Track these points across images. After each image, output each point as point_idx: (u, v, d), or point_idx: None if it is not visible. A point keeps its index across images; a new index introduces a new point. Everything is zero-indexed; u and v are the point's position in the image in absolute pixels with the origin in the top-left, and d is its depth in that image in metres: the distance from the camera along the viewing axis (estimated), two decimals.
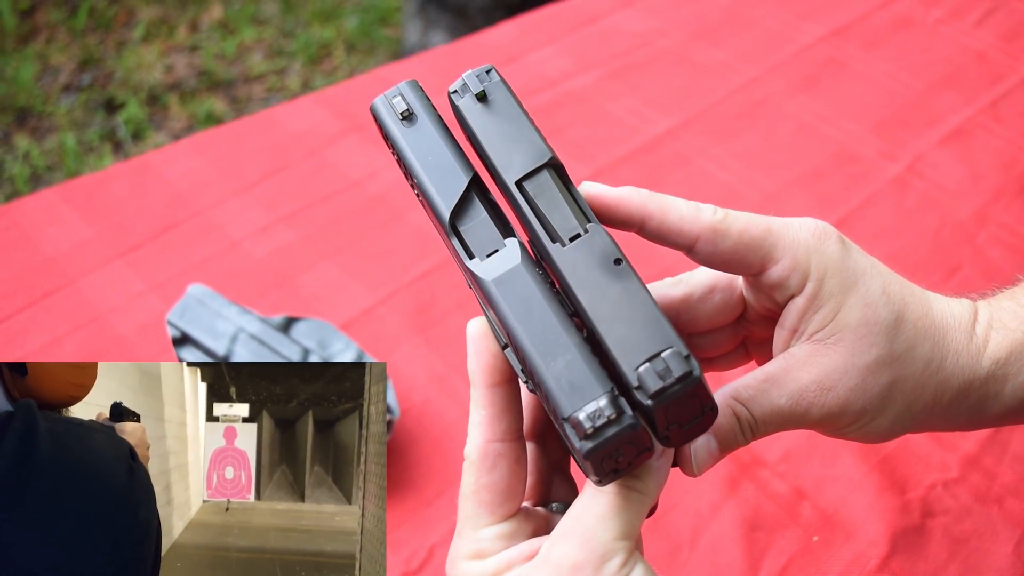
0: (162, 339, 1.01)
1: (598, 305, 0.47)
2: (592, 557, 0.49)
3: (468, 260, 0.50)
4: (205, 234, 1.14)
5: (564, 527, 0.51)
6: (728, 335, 0.65)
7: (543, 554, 0.50)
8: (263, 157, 1.25)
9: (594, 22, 1.53)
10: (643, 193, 0.55)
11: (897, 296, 0.57)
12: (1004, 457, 0.93)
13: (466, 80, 0.53)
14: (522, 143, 0.51)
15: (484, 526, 0.53)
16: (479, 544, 0.53)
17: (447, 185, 0.51)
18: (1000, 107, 1.37)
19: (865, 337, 0.56)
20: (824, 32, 1.51)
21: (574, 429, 0.45)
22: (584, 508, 0.51)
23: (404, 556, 0.85)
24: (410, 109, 0.53)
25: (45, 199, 1.17)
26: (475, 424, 0.54)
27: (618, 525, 0.50)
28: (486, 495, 0.53)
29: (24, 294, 1.05)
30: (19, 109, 2.63)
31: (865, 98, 1.39)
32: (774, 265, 0.56)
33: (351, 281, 1.09)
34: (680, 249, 0.57)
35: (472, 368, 0.54)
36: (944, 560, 0.86)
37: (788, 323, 0.57)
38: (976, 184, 1.24)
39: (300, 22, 3.02)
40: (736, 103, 1.38)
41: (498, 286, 0.48)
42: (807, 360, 0.56)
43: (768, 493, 0.90)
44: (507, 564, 0.52)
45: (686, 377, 0.45)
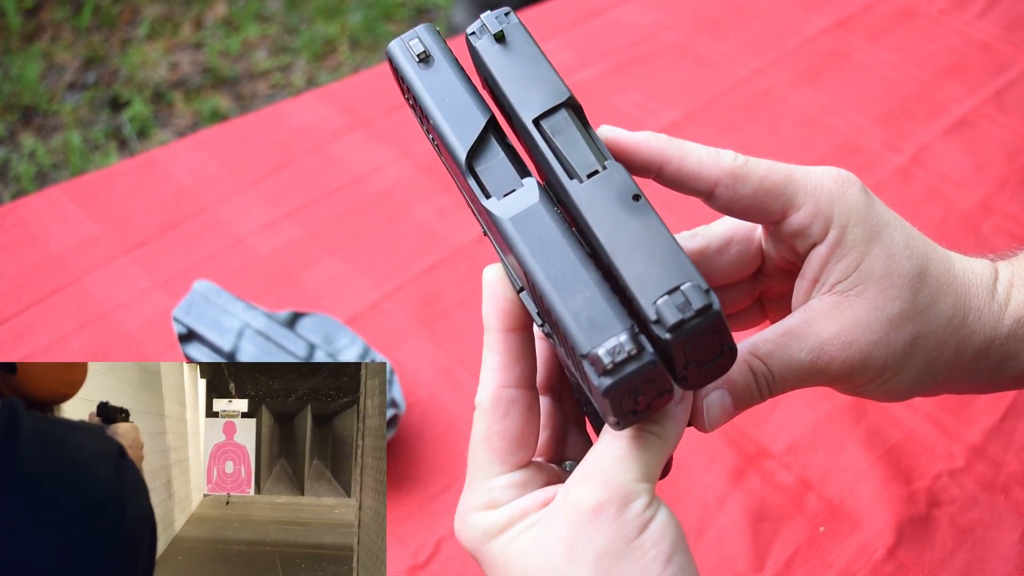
0: (168, 335, 1.01)
1: (616, 240, 0.46)
2: (615, 497, 0.47)
3: (485, 200, 0.50)
4: (210, 230, 1.14)
5: (582, 471, 0.49)
6: (745, 290, 0.64)
7: (560, 499, 0.49)
8: (268, 153, 1.25)
9: (598, 15, 1.53)
10: (662, 138, 0.55)
11: (920, 250, 0.56)
12: (1010, 446, 0.93)
13: (484, 21, 0.52)
14: (540, 82, 0.51)
15: (496, 475, 0.52)
16: (491, 494, 0.52)
17: (464, 126, 0.51)
18: (1004, 97, 1.36)
19: (888, 289, 0.55)
20: (828, 23, 1.51)
21: (593, 365, 0.44)
22: (602, 451, 0.49)
23: (412, 550, 0.86)
24: (427, 51, 0.52)
25: (51, 197, 1.18)
26: (488, 370, 0.53)
27: (638, 467, 0.48)
28: (498, 442, 0.52)
29: (30, 291, 1.06)
30: (24, 108, 2.63)
31: (869, 89, 1.39)
32: (796, 212, 0.55)
33: (356, 276, 1.09)
34: (699, 195, 0.56)
35: (487, 313, 0.53)
36: (950, 549, 0.86)
37: (809, 273, 0.56)
38: (980, 174, 1.24)
39: (304, 18, 3.02)
40: (740, 95, 1.38)
41: (515, 224, 0.48)
42: (829, 313, 0.55)
43: (774, 484, 0.90)
44: (521, 512, 0.50)
45: (706, 310, 0.44)
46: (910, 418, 0.95)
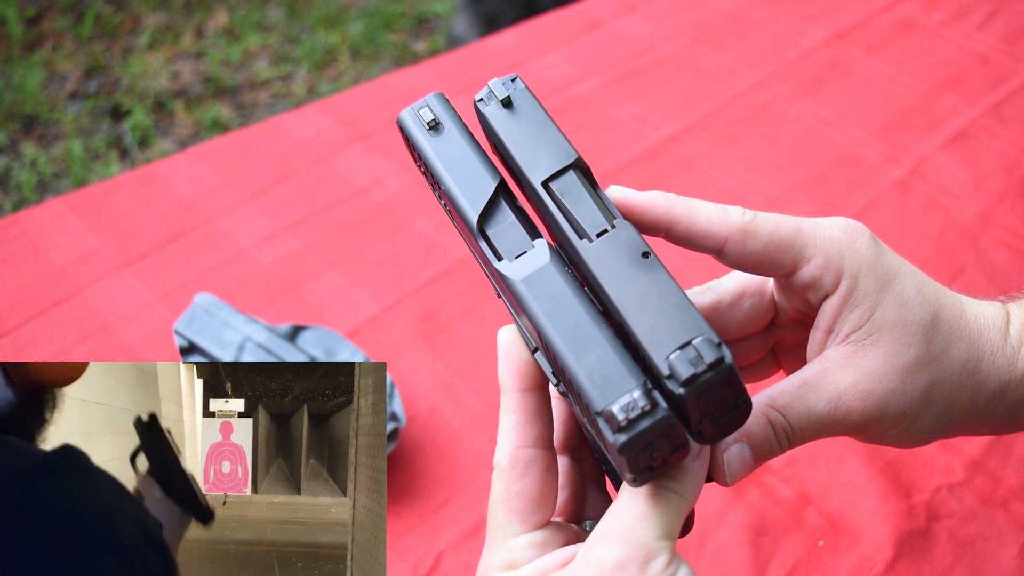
0: (169, 348, 1.01)
1: (627, 297, 0.47)
2: (636, 556, 0.47)
3: (497, 262, 0.50)
4: (212, 243, 1.15)
5: (602, 529, 0.49)
6: (758, 342, 0.64)
7: (582, 557, 0.49)
8: (269, 165, 1.26)
9: (598, 28, 1.53)
10: (670, 197, 0.55)
11: (932, 296, 0.56)
12: (1009, 460, 0.93)
13: (492, 88, 0.53)
14: (548, 145, 0.52)
15: (515, 535, 0.52)
16: (511, 554, 0.52)
17: (474, 190, 0.52)
18: (1003, 109, 1.37)
19: (902, 337, 0.55)
20: (827, 36, 1.51)
21: (607, 423, 0.44)
22: (622, 509, 0.49)
23: (412, 563, 0.86)
24: (437, 119, 0.53)
25: (52, 208, 1.18)
26: (505, 430, 0.53)
27: (659, 524, 0.48)
28: (517, 502, 0.52)
29: (32, 304, 1.06)
30: (26, 117, 2.64)
31: (868, 101, 1.39)
32: (806, 264, 0.55)
33: (357, 289, 1.09)
34: (709, 252, 0.56)
35: (503, 374, 0.54)
36: (950, 563, 0.86)
37: (823, 324, 0.56)
38: (979, 186, 1.25)
39: (305, 28, 3.02)
40: (740, 107, 1.38)
41: (527, 285, 0.48)
42: (844, 363, 0.55)
43: (774, 498, 0.90)
44: (542, 571, 0.50)
45: (718, 364, 0.44)
46: None
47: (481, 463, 0.93)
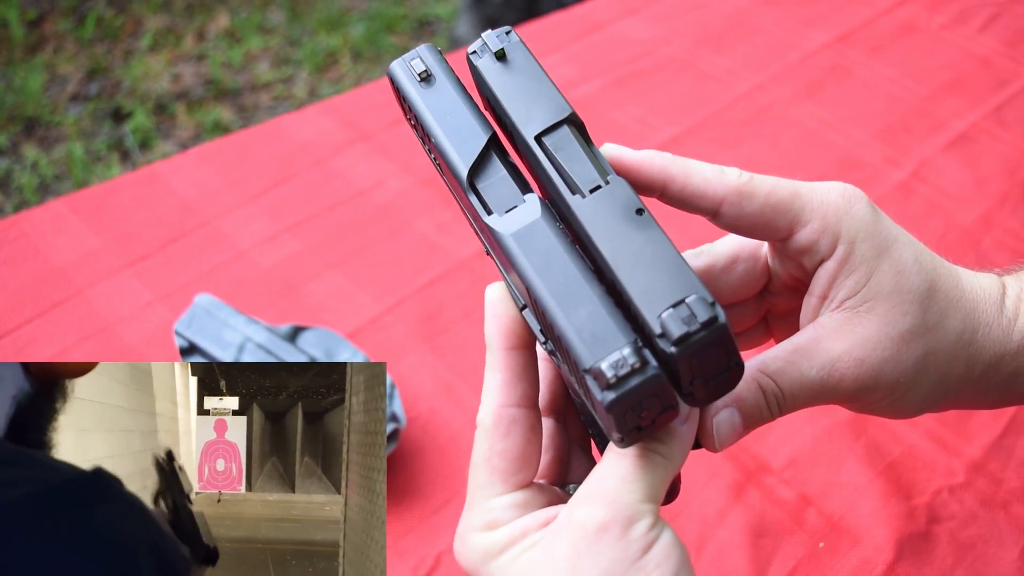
0: (169, 349, 1.01)
1: (619, 254, 0.46)
2: (619, 517, 0.47)
3: (486, 216, 0.49)
4: (212, 244, 1.15)
5: (585, 490, 0.49)
6: (750, 309, 0.63)
7: (563, 518, 0.48)
8: (269, 167, 1.26)
9: (599, 30, 1.53)
10: (665, 156, 0.54)
11: (929, 265, 0.56)
12: (1010, 462, 0.93)
13: (485, 40, 0.53)
14: (542, 99, 0.51)
15: (496, 495, 0.51)
16: (491, 514, 0.51)
17: (465, 143, 0.51)
18: (1004, 112, 1.37)
19: (898, 305, 0.54)
20: (828, 39, 1.51)
21: (596, 380, 0.43)
22: (606, 470, 0.49)
23: (412, 564, 0.86)
24: (428, 71, 0.52)
25: (53, 210, 1.18)
26: (490, 389, 0.52)
27: (643, 487, 0.48)
28: (499, 462, 0.51)
29: (32, 305, 1.06)
30: (27, 119, 2.64)
31: (869, 104, 1.39)
32: (802, 228, 0.55)
33: (357, 290, 1.09)
34: (704, 214, 0.55)
35: (489, 331, 0.53)
36: (950, 566, 0.86)
37: (817, 290, 0.56)
38: (980, 189, 1.25)
39: (306, 30, 3.03)
40: (741, 110, 1.38)
41: (517, 240, 0.48)
42: (838, 329, 0.54)
43: (774, 500, 0.90)
44: (522, 532, 0.50)
45: (711, 323, 0.43)
46: (910, 434, 0.95)
47: None
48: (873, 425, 0.96)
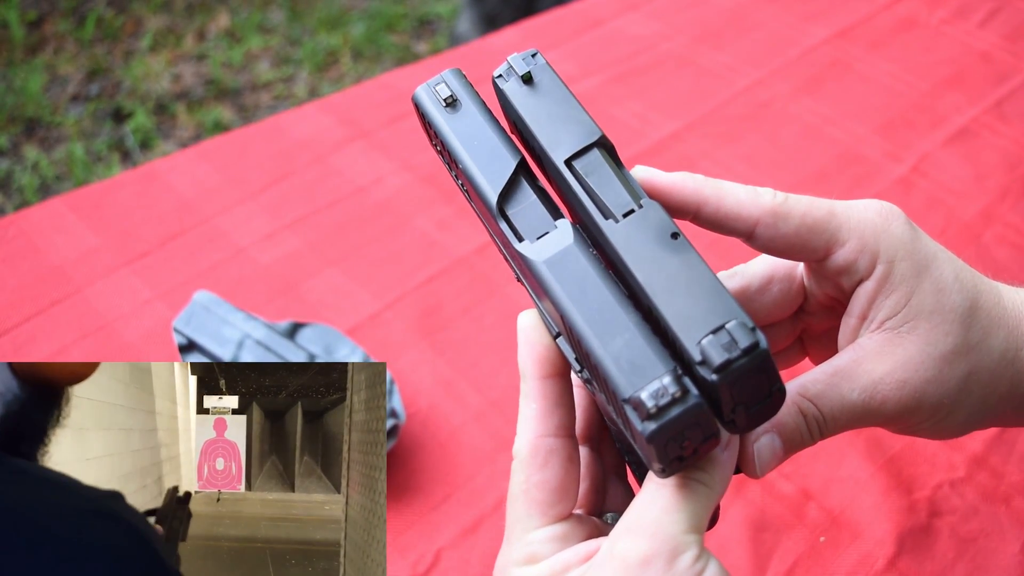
0: (169, 346, 1.01)
1: (655, 280, 0.45)
2: (663, 550, 0.45)
3: (518, 244, 0.48)
4: (211, 241, 1.14)
5: (627, 522, 0.47)
6: (786, 329, 0.62)
7: (605, 551, 0.47)
8: (269, 164, 1.25)
9: (598, 26, 1.53)
10: (698, 178, 0.53)
11: (969, 283, 0.54)
12: (1011, 456, 0.93)
13: (511, 63, 0.52)
14: (570, 123, 0.50)
15: (535, 528, 0.50)
16: (531, 547, 0.50)
17: (494, 169, 0.50)
18: (1005, 107, 1.36)
19: (940, 325, 0.53)
20: (828, 34, 1.51)
21: (635, 410, 0.42)
22: (648, 501, 0.47)
23: (411, 560, 0.86)
24: (454, 96, 0.52)
25: (52, 208, 1.18)
26: (525, 419, 0.51)
27: (686, 518, 0.46)
28: (537, 494, 0.50)
29: (31, 303, 1.06)
30: (28, 120, 2.64)
31: (869, 99, 1.39)
32: (840, 248, 0.54)
33: (357, 287, 1.09)
34: (739, 236, 0.54)
35: (523, 360, 0.52)
36: (951, 560, 0.85)
37: (856, 310, 0.54)
38: (981, 184, 1.24)
39: (307, 30, 3.03)
40: (741, 106, 1.38)
41: (550, 267, 0.47)
42: (879, 351, 0.53)
43: (774, 494, 0.90)
44: (563, 566, 0.49)
45: (752, 349, 0.42)
46: None
47: (481, 460, 0.93)
48: None
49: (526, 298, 1.05)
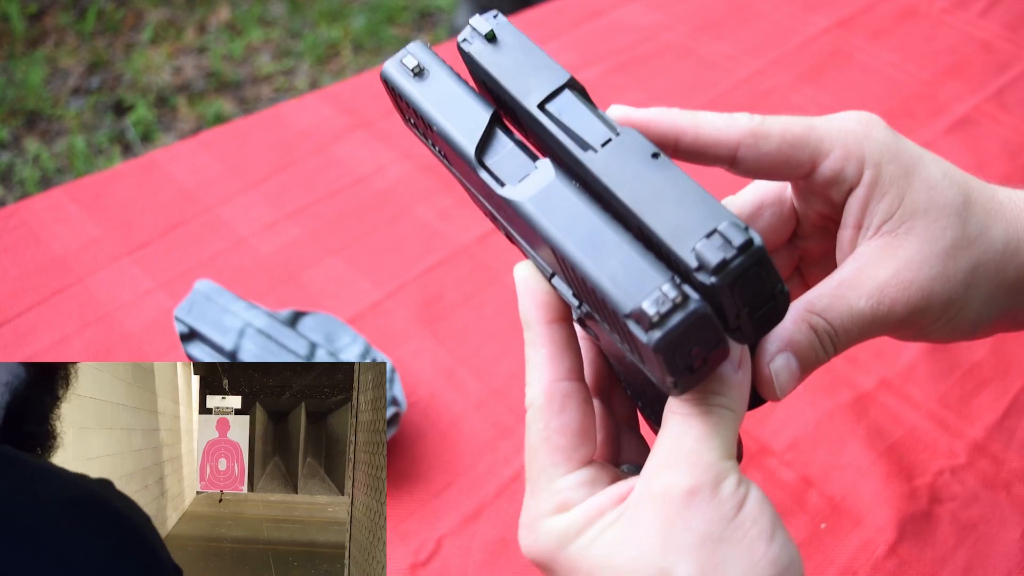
0: (170, 335, 1.01)
1: (641, 198, 0.44)
2: (705, 479, 0.45)
3: (500, 188, 0.48)
4: (212, 231, 1.14)
5: (660, 457, 0.46)
6: (783, 258, 0.62)
7: (641, 490, 0.46)
8: (270, 154, 1.25)
9: (598, 16, 1.53)
10: (673, 110, 0.53)
11: (960, 179, 0.54)
12: (1012, 443, 0.93)
13: (473, 25, 0.52)
14: (539, 70, 0.50)
15: (562, 475, 0.48)
16: (560, 495, 0.48)
17: (468, 125, 0.50)
18: (1005, 95, 1.36)
19: (937, 221, 0.53)
20: (829, 23, 1.51)
21: (638, 323, 0.41)
22: (678, 434, 0.46)
23: (413, 547, 0.86)
24: (420, 65, 0.52)
25: (53, 198, 1.18)
26: (536, 366, 0.50)
27: (720, 444, 0.46)
28: (559, 439, 0.49)
29: (32, 292, 1.06)
30: (29, 113, 2.64)
31: (870, 88, 1.39)
32: (825, 159, 0.53)
33: (358, 276, 1.09)
34: (721, 163, 0.54)
35: (526, 307, 0.51)
36: (952, 546, 0.86)
37: (851, 220, 0.54)
38: (982, 172, 1.23)
39: (307, 22, 3.02)
40: (742, 95, 1.38)
41: (536, 204, 0.47)
42: (880, 255, 0.53)
43: (775, 481, 0.90)
44: (598, 510, 0.47)
45: (747, 246, 0.42)
46: (911, 415, 0.95)
47: (482, 448, 0.93)
48: (874, 407, 0.96)
49: None
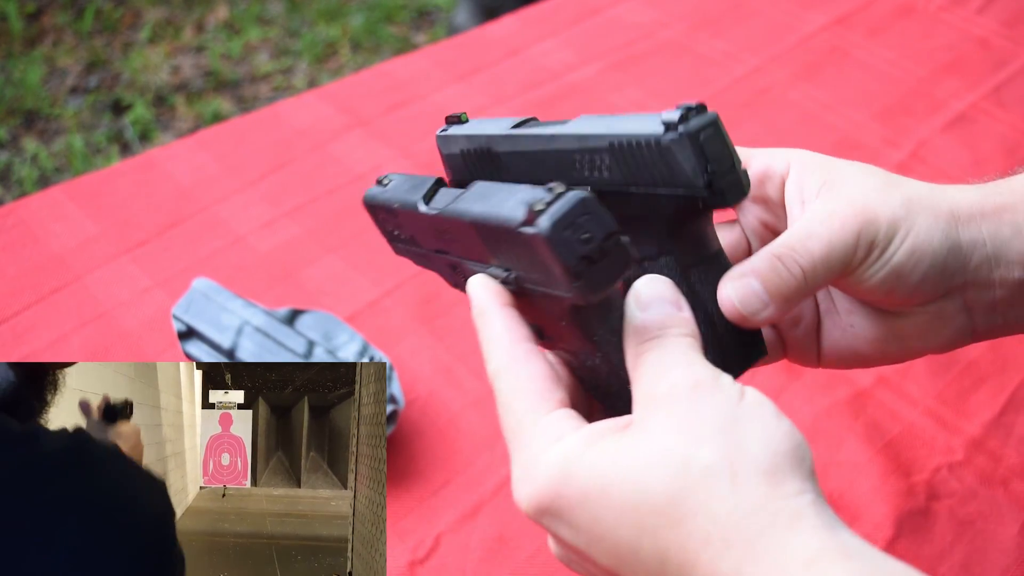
0: (168, 334, 1.01)
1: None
2: (704, 375, 0.46)
3: (424, 206, 0.54)
4: (210, 229, 1.14)
5: (649, 378, 0.47)
6: None
7: (645, 407, 0.46)
8: (267, 152, 1.25)
9: (596, 14, 1.53)
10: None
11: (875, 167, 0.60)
12: (1009, 439, 0.93)
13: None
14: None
15: (548, 412, 0.48)
16: (549, 430, 0.47)
17: (418, 190, 0.56)
18: (1003, 92, 1.36)
19: (864, 171, 0.58)
20: (826, 20, 1.51)
21: (529, 225, 0.44)
22: (659, 355, 0.47)
23: (411, 545, 0.86)
24: (386, 178, 0.60)
25: (51, 197, 1.18)
26: (493, 336, 0.50)
27: (700, 359, 0.47)
28: (532, 384, 0.48)
29: (31, 291, 1.06)
30: (27, 112, 2.64)
31: (868, 85, 1.39)
32: (752, 161, 0.60)
33: (356, 274, 1.09)
34: None
35: (478, 298, 0.51)
36: (950, 542, 0.86)
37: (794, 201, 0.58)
38: (979, 169, 1.24)
39: (305, 21, 3.02)
40: (739, 92, 1.38)
41: (446, 199, 0.53)
42: (823, 208, 0.56)
43: None
44: (599, 433, 0.46)
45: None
46: (909, 412, 0.95)
47: (480, 446, 0.93)
48: (872, 404, 0.96)
49: None
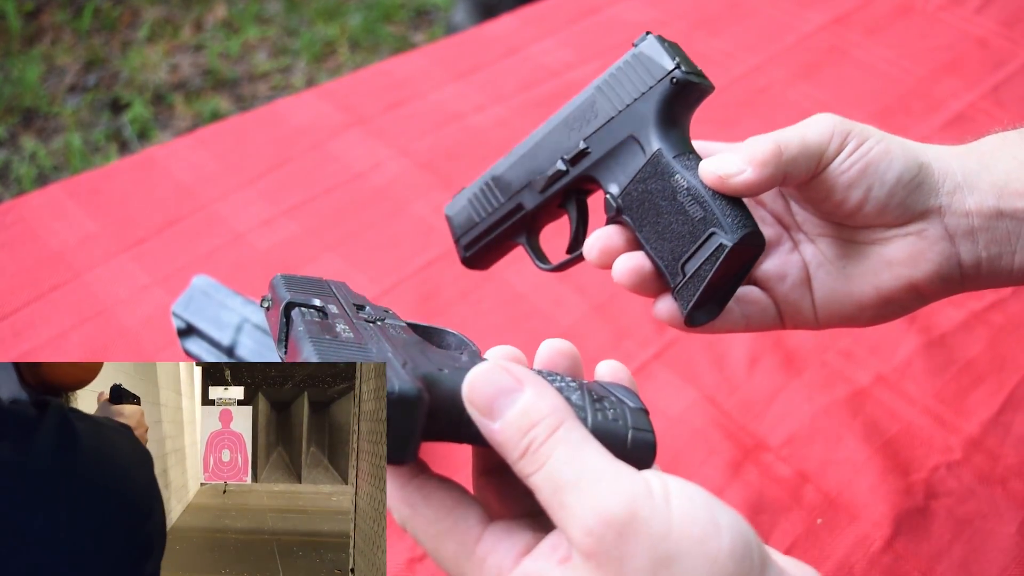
0: (167, 331, 1.01)
1: None
2: (619, 506, 0.43)
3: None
4: (209, 227, 1.15)
5: (567, 507, 0.44)
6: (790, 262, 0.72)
7: (577, 531, 0.43)
8: (267, 150, 1.25)
9: (595, 13, 1.53)
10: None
11: None
12: (1007, 439, 0.93)
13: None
14: None
15: (474, 544, 0.50)
16: (485, 566, 0.48)
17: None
18: (1001, 92, 1.37)
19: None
20: (825, 20, 1.51)
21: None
22: (551, 483, 0.45)
23: (410, 542, 0.86)
24: (269, 299, 0.67)
25: (50, 194, 1.18)
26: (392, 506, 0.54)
27: (600, 457, 0.45)
28: (440, 525, 0.52)
29: (30, 288, 1.06)
30: (25, 110, 2.64)
31: (866, 85, 1.39)
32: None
33: (355, 272, 1.09)
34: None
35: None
36: (948, 541, 0.86)
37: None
38: None
39: (304, 20, 3.02)
40: (738, 92, 1.38)
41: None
42: None
43: (772, 476, 0.90)
44: (536, 572, 0.46)
45: None
46: (907, 411, 0.95)
47: None
48: (871, 403, 0.96)
49: (524, 283, 1.05)
